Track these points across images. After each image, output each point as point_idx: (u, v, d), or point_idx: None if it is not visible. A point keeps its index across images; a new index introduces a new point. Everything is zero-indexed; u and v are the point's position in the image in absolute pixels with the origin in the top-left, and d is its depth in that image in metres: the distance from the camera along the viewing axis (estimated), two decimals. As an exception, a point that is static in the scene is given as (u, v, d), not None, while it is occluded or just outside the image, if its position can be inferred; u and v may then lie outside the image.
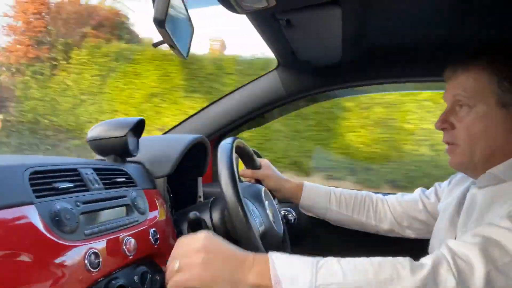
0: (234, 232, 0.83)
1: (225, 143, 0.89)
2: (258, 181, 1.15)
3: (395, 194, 1.15)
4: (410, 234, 1.09)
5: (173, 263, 0.61)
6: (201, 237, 0.63)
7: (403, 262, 0.59)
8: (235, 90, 1.40)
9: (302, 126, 5.43)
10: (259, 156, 1.21)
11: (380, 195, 1.15)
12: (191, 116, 1.44)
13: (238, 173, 0.98)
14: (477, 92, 0.77)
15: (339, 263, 0.59)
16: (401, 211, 1.09)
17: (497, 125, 0.75)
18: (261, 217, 0.94)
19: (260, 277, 0.58)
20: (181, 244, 0.64)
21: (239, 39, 12.71)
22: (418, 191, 1.11)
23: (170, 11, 0.67)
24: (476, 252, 0.59)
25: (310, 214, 1.19)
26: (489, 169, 0.76)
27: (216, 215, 0.94)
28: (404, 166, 4.83)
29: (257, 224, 0.92)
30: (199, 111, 1.43)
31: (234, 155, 0.89)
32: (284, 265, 0.59)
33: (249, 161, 1.11)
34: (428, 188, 1.11)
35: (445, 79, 0.84)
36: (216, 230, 0.93)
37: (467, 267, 0.58)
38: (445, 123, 0.82)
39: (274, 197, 1.13)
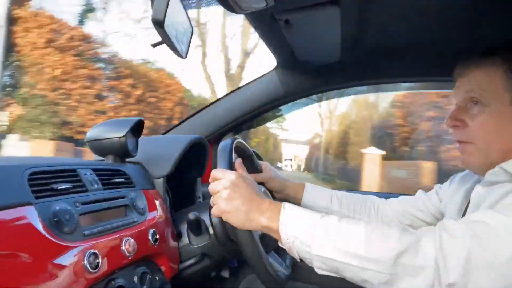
0: (233, 233, 0.83)
1: (225, 143, 0.89)
2: (260, 183, 1.15)
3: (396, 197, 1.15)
4: None
5: (211, 198, 0.76)
6: (233, 176, 0.75)
7: (393, 228, 0.65)
8: (234, 90, 1.40)
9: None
10: (259, 158, 1.21)
11: (382, 198, 1.15)
12: (190, 116, 1.44)
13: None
14: (491, 89, 0.75)
15: (339, 221, 0.67)
16: (402, 210, 1.08)
17: (511, 124, 0.74)
18: None
19: (270, 221, 0.70)
20: (216, 177, 0.76)
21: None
22: (419, 192, 1.11)
23: (169, 11, 0.67)
24: (463, 228, 0.61)
25: None
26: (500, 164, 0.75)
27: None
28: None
29: None
30: (198, 111, 1.43)
31: (234, 155, 0.89)
32: (293, 214, 0.70)
33: (251, 164, 1.11)
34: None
35: (456, 75, 0.82)
36: (215, 230, 0.93)
37: (451, 240, 0.60)
38: (457, 121, 0.80)
39: (274, 198, 1.13)
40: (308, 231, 0.67)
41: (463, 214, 0.84)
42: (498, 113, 0.75)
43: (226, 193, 0.73)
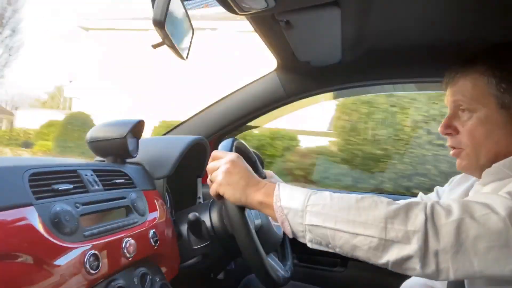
0: (230, 225, 0.83)
1: (225, 144, 0.89)
2: None
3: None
4: None
5: (209, 176, 0.79)
6: (233, 155, 0.78)
7: (383, 198, 0.66)
8: (235, 91, 1.40)
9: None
10: (260, 159, 1.20)
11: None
12: (191, 117, 1.44)
13: None
14: (476, 96, 0.77)
15: (330, 193, 0.69)
16: None
17: (500, 127, 0.75)
18: (259, 214, 0.95)
19: (265, 196, 0.72)
20: (216, 156, 0.79)
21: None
22: (419, 194, 1.11)
23: (170, 12, 0.67)
24: (457, 204, 0.62)
25: None
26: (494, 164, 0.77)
27: (215, 216, 0.94)
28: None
29: (253, 216, 0.93)
30: (198, 112, 1.43)
31: None
32: (286, 189, 0.71)
33: (254, 171, 1.07)
34: None
35: (444, 84, 0.85)
36: (215, 231, 0.93)
37: (443, 211, 0.61)
38: (449, 128, 0.82)
39: None
40: (301, 202, 0.68)
41: None
42: (485, 119, 0.76)
43: (226, 167, 0.75)
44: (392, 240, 0.61)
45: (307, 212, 0.67)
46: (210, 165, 0.79)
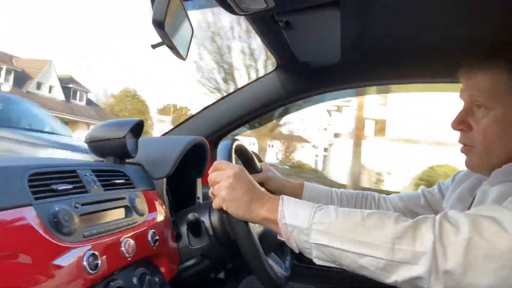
0: (233, 233, 0.83)
1: (224, 144, 0.89)
2: (260, 183, 1.15)
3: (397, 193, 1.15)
4: None
5: (211, 188, 0.77)
6: (236, 168, 0.76)
7: (390, 214, 0.64)
8: (235, 91, 1.40)
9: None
10: (259, 159, 1.21)
11: (382, 194, 1.15)
12: (191, 117, 1.44)
13: None
14: (494, 93, 0.74)
15: (336, 209, 0.68)
16: (403, 206, 1.08)
17: None
18: None
19: (270, 212, 0.71)
20: (218, 168, 0.78)
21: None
22: (420, 188, 1.10)
23: (169, 12, 0.67)
24: (466, 219, 0.60)
25: None
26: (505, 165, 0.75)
27: (215, 217, 0.94)
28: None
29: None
30: (198, 112, 1.43)
31: (233, 156, 0.89)
32: (291, 205, 0.70)
33: (250, 165, 1.11)
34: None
35: (460, 78, 0.82)
36: (215, 231, 0.93)
37: (452, 229, 0.59)
38: (462, 124, 0.79)
39: None
40: (306, 220, 0.67)
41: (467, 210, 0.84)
42: (503, 117, 0.74)
43: (229, 182, 0.73)
44: (400, 261, 0.60)
45: (312, 230, 0.66)
46: (212, 177, 0.77)
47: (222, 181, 0.74)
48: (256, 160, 1.12)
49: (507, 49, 0.77)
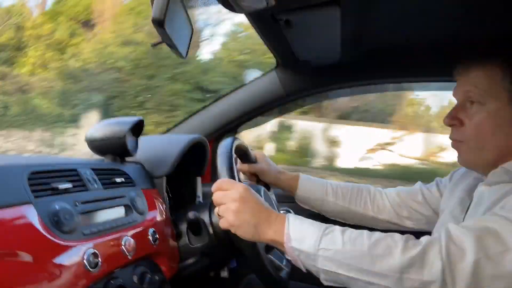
0: (233, 234, 0.83)
1: (225, 143, 0.89)
2: (256, 176, 1.15)
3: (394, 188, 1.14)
4: (409, 225, 1.06)
5: (216, 209, 0.77)
6: (241, 188, 0.75)
7: (398, 241, 0.64)
8: (235, 89, 1.40)
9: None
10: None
11: (378, 188, 1.14)
12: (191, 116, 1.44)
13: (238, 173, 0.98)
14: (489, 89, 0.75)
15: (342, 234, 0.67)
16: (400, 201, 1.07)
17: (508, 123, 0.74)
18: None
19: (276, 235, 0.71)
20: (222, 187, 0.76)
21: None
22: (418, 184, 1.09)
23: (169, 10, 0.67)
24: (471, 238, 0.61)
25: (306, 207, 1.17)
26: (502, 164, 0.75)
27: (215, 216, 0.94)
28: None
29: None
30: (198, 111, 1.43)
31: (234, 155, 0.89)
32: (297, 227, 0.70)
33: (245, 155, 1.11)
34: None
35: (456, 75, 0.83)
36: (215, 230, 0.93)
37: (458, 252, 0.60)
38: (454, 120, 0.80)
39: (269, 189, 1.13)
40: (312, 245, 0.67)
41: (463, 213, 0.84)
42: (495, 113, 0.75)
43: (235, 206, 0.73)
44: None
45: (319, 256, 0.67)
46: (217, 197, 0.77)
47: (228, 204, 0.74)
48: (250, 151, 1.12)
49: (503, 47, 0.78)
